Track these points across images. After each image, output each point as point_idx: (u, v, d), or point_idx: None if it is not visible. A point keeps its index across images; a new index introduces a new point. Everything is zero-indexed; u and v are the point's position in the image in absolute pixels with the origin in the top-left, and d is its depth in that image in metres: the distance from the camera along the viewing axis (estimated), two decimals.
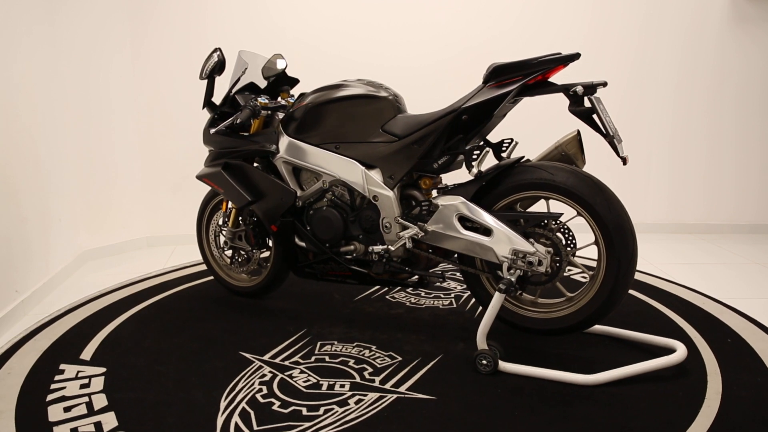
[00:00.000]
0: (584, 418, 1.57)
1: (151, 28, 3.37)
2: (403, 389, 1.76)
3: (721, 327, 2.19)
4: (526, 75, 1.82)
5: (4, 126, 2.35)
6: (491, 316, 1.86)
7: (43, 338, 2.16)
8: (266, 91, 2.42)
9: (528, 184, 1.87)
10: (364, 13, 3.51)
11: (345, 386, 1.78)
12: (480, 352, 1.84)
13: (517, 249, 1.84)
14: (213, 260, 2.68)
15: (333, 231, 2.16)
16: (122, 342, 2.13)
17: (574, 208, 1.83)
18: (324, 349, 2.05)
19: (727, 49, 3.62)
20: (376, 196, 2.07)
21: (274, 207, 2.24)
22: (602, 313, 1.85)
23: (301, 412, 1.63)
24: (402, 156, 2.03)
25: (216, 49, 2.30)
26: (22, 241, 2.47)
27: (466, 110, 1.88)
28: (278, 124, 2.27)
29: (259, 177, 2.25)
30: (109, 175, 3.34)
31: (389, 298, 2.58)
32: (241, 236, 2.50)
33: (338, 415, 1.61)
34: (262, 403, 1.68)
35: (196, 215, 2.69)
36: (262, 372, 1.88)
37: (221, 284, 2.67)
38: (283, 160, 2.23)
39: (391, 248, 2.06)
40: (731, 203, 3.84)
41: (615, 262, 1.78)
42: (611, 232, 1.78)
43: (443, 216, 1.95)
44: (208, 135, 2.38)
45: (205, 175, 2.39)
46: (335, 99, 2.11)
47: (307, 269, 2.32)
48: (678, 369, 1.83)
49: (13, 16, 2.49)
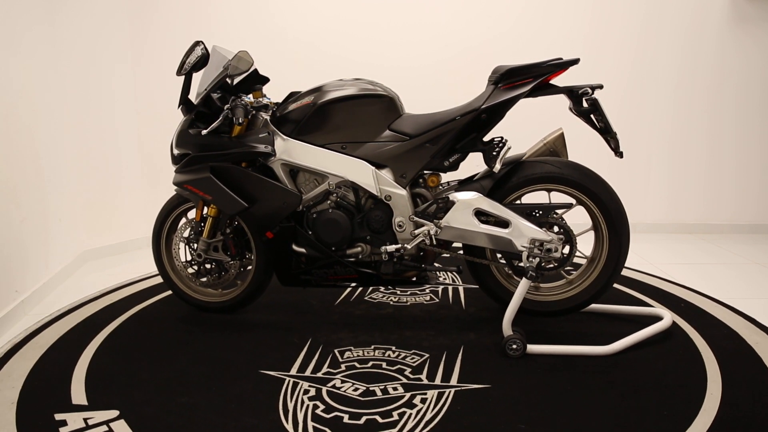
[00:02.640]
0: (625, 383, 1.76)
1: (151, 28, 3.35)
2: (453, 382, 1.79)
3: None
4: (536, 77, 1.97)
5: (4, 126, 2.34)
6: (517, 303, 1.98)
7: (43, 338, 2.14)
8: (237, 89, 2.24)
9: (538, 178, 2.02)
10: (364, 13, 3.51)
11: (398, 389, 1.76)
12: (509, 338, 1.95)
13: (535, 238, 1.98)
14: (175, 275, 2.41)
15: (341, 234, 2.10)
16: (117, 374, 1.84)
17: (580, 198, 2.03)
18: (346, 356, 1.99)
19: (727, 49, 3.60)
20: (389, 195, 2.06)
21: (275, 212, 2.10)
22: (602, 292, 2.08)
23: (377, 420, 1.59)
24: (414, 155, 2.06)
25: (198, 43, 2.07)
26: (22, 241, 2.46)
27: (486, 110, 1.97)
28: (267, 124, 2.13)
29: (257, 180, 2.09)
30: (109, 175, 3.31)
31: (369, 299, 2.56)
32: (217, 247, 2.29)
33: (417, 417, 1.60)
34: (330, 419, 1.59)
35: (153, 227, 2.39)
36: (302, 388, 1.77)
37: (185, 301, 2.42)
38: (282, 162, 2.10)
39: (408, 246, 2.07)
40: (731, 203, 3.81)
41: (617, 245, 2.02)
42: (614, 218, 2.01)
43: (460, 211, 2.02)
44: (188, 137, 2.13)
45: (187, 181, 2.14)
46: (343, 98, 2.05)
47: (302, 276, 2.22)
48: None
49: (13, 16, 2.47)
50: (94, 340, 2.13)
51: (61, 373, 1.87)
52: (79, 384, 1.80)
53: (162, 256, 2.39)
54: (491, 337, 2.12)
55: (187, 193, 2.22)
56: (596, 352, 1.95)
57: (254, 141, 2.11)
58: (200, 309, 2.42)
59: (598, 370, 1.85)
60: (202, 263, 2.31)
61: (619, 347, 1.96)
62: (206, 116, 2.19)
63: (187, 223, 2.36)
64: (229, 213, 2.12)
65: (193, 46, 2.07)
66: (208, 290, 2.41)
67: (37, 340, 2.13)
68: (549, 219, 2.03)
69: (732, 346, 2.02)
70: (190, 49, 2.08)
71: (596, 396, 1.69)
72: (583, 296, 2.10)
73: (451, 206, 2.03)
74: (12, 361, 1.97)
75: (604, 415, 1.59)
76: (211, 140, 2.11)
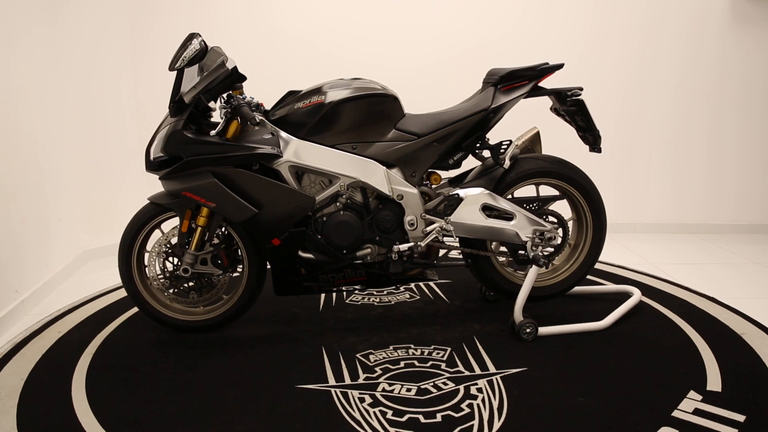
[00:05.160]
0: (632, 349, 1.99)
1: (151, 27, 3.29)
2: (493, 370, 1.87)
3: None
4: (531, 79, 2.13)
5: (4, 126, 2.34)
6: (528, 290, 2.12)
7: (44, 338, 2.13)
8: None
9: (534, 173, 2.19)
10: (365, 13, 3.45)
11: (447, 383, 1.79)
12: (523, 323, 2.08)
13: (537, 229, 2.14)
14: (148, 294, 2.14)
15: (353, 236, 2.05)
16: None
17: (568, 189, 2.24)
18: (373, 360, 1.96)
19: (727, 49, 3.58)
20: (401, 195, 2.07)
21: (286, 216, 1.97)
22: (584, 276, 2.32)
23: (451, 415, 1.60)
24: (422, 154, 2.09)
25: (194, 35, 1.86)
26: (22, 241, 2.45)
27: (494, 110, 2.07)
28: (265, 124, 2.00)
29: (267, 184, 1.94)
30: (109, 175, 3.27)
31: (351, 303, 2.52)
32: (206, 260, 2.08)
33: (487, 406, 1.64)
34: (406, 422, 1.57)
35: (122, 242, 2.09)
36: (355, 397, 1.71)
37: (161, 322, 2.16)
38: (291, 163, 1.98)
39: (421, 244, 2.10)
40: (732, 203, 3.79)
41: (600, 231, 2.27)
42: (598, 207, 2.25)
43: (468, 207, 2.10)
44: (182, 138, 1.90)
45: (186, 188, 1.91)
46: (356, 97, 2.00)
47: (305, 283, 2.12)
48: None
49: (13, 16, 2.46)
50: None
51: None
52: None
53: (133, 274, 2.11)
54: (493, 325, 2.23)
55: (177, 201, 1.99)
56: (594, 327, 2.16)
57: (258, 142, 1.96)
58: (180, 330, 2.18)
59: (611, 341, 2.07)
60: (189, 279, 2.09)
61: (610, 321, 2.19)
62: (192, 116, 1.98)
63: (165, 237, 2.11)
64: (235, 221, 1.95)
65: (189, 39, 1.86)
66: (190, 308, 2.18)
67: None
68: (545, 210, 2.20)
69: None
70: (186, 41, 1.86)
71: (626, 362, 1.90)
72: (571, 279, 2.31)
73: (459, 203, 2.10)
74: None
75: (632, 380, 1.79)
76: (207, 142, 1.92)
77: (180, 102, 1.91)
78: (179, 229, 2.06)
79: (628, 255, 3.29)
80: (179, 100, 1.90)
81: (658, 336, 2.12)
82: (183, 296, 2.15)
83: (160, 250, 2.10)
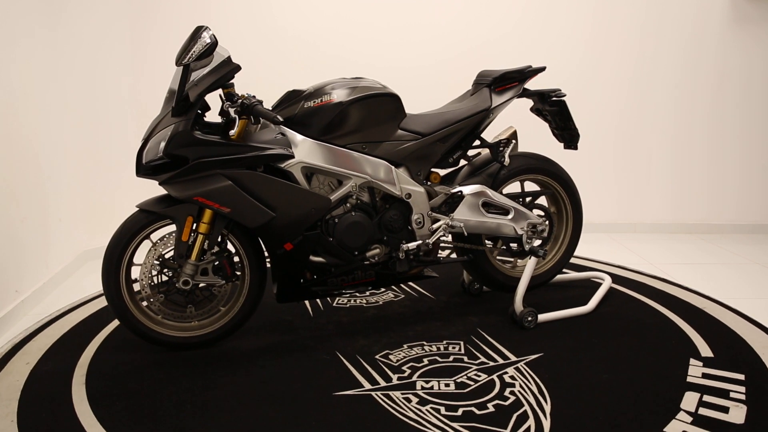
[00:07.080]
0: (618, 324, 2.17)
1: (151, 27, 3.29)
2: (513, 358, 1.94)
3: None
4: (521, 80, 2.25)
5: (4, 126, 2.33)
6: (527, 280, 2.23)
7: (44, 338, 2.11)
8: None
9: (524, 170, 2.31)
10: (365, 13, 3.41)
11: (480, 375, 1.83)
12: (524, 312, 2.19)
13: (530, 222, 2.27)
14: (139, 312, 1.94)
15: (365, 236, 2.02)
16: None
17: (551, 184, 2.39)
18: (396, 360, 1.95)
19: (728, 49, 3.58)
20: (409, 193, 2.07)
21: (302, 219, 1.89)
22: (565, 264, 2.49)
23: (502, 404, 1.64)
24: (427, 152, 2.12)
25: (204, 28, 1.71)
26: (22, 241, 2.45)
27: (494, 109, 2.15)
28: (274, 125, 1.91)
29: (282, 186, 1.84)
30: (109, 175, 3.26)
31: (339, 306, 2.48)
32: (206, 270, 1.94)
33: (529, 392, 1.71)
34: (462, 416, 1.59)
35: (109, 254, 1.86)
36: (398, 398, 1.69)
37: (152, 342, 1.97)
38: (303, 164, 1.90)
39: (429, 242, 2.12)
40: (733, 203, 3.78)
41: (579, 224, 2.45)
42: (577, 200, 2.43)
43: (470, 204, 2.16)
44: (189, 139, 1.74)
45: (198, 193, 1.75)
46: (366, 97, 1.97)
47: (313, 288, 2.05)
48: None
49: (13, 17, 2.46)
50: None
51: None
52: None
53: (121, 289, 1.90)
54: (489, 316, 2.31)
55: (177, 208, 1.83)
56: (582, 311, 2.33)
57: (268, 143, 1.87)
58: (172, 349, 2.00)
59: (598, 335, 2.24)
60: (190, 292, 1.93)
61: (592, 306, 2.37)
62: (196, 115, 1.83)
63: (156, 247, 1.92)
64: (251, 226, 1.83)
65: (197, 31, 1.71)
66: (184, 324, 2.01)
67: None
68: (534, 204, 2.33)
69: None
70: (194, 34, 1.71)
71: (629, 338, 2.06)
72: (555, 268, 2.47)
73: (461, 200, 2.15)
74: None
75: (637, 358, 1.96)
76: (217, 144, 1.79)
77: (185, 100, 1.76)
78: (178, 237, 1.89)
79: (628, 255, 3.29)
80: (185, 98, 1.75)
81: (639, 317, 2.33)
82: (179, 311, 1.97)
83: (153, 263, 1.91)
